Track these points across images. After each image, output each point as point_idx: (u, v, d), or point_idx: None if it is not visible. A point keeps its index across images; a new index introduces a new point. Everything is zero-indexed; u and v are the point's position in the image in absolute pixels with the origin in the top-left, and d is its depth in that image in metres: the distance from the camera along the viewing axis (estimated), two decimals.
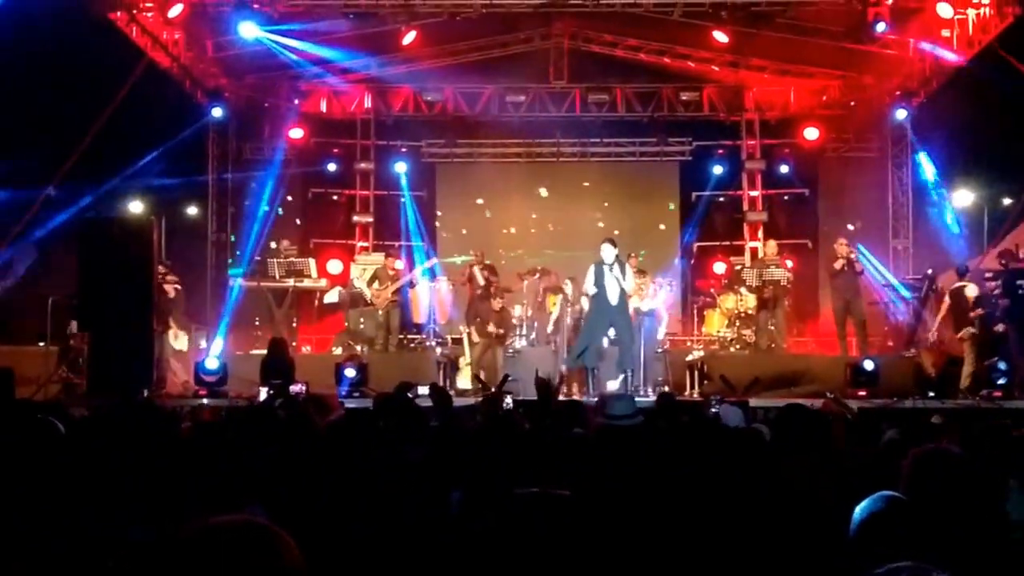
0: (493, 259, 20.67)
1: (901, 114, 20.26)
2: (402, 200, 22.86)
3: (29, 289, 17.36)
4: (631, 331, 16.40)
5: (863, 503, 3.80)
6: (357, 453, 5.60)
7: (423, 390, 9.64)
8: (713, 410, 10.17)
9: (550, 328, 18.66)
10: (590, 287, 16.02)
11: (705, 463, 5.62)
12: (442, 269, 21.20)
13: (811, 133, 22.03)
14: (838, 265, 18.09)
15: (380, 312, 18.63)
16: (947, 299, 17.43)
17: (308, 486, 5.02)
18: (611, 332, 16.34)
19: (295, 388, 13.12)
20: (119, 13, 17.28)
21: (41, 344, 16.32)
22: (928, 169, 20.25)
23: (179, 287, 17.66)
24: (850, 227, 19.62)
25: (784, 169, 22.83)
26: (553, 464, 5.62)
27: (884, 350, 18.57)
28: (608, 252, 15.95)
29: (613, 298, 15.87)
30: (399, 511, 4.66)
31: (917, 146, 20.45)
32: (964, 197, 22.35)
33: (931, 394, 15.03)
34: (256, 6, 17.53)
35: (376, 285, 18.74)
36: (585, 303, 16.78)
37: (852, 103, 21.84)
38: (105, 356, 15.02)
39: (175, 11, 17.67)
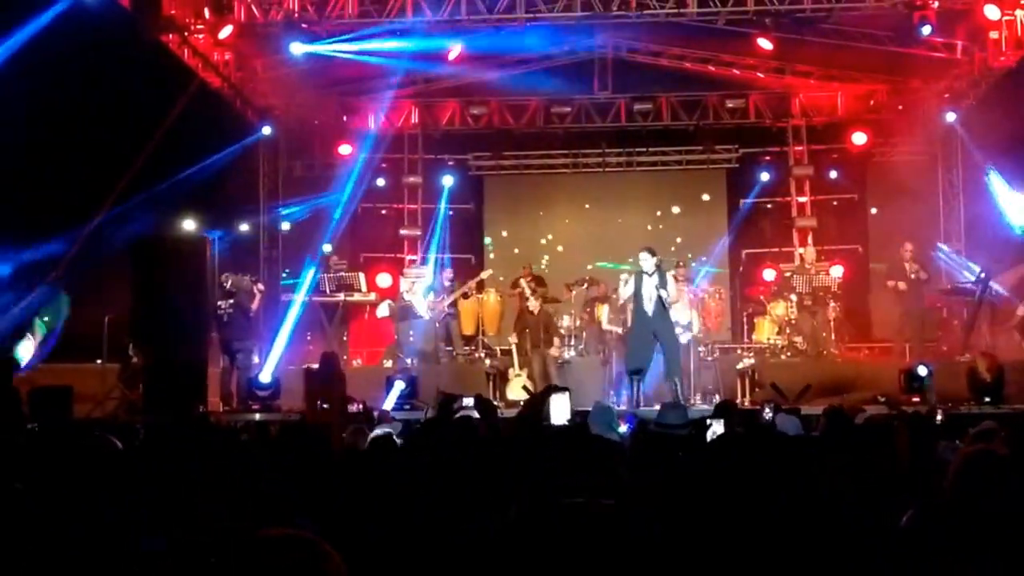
0: (540, 270, 20.77)
1: (950, 116, 20.14)
2: (450, 213, 22.97)
3: (85, 308, 17.55)
4: (676, 339, 16.36)
5: (911, 509, 3.83)
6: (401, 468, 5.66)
7: (468, 401, 9.67)
8: (767, 417, 10.19)
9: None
10: (626, 296, 15.99)
11: (766, 472, 5.64)
12: (490, 281, 21.26)
13: (859, 138, 21.97)
14: (903, 286, 18.09)
15: (437, 324, 18.76)
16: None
17: (356, 499, 5.10)
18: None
19: (352, 407, 13.23)
20: (170, 35, 17.54)
21: (98, 362, 16.49)
22: (997, 183, 19.92)
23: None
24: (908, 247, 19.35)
25: (832, 174, 22.78)
26: (595, 470, 5.65)
27: (938, 355, 18.43)
28: (647, 261, 15.90)
29: (650, 307, 15.79)
30: (445, 524, 4.72)
31: (972, 150, 20.27)
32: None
33: (987, 399, 14.89)
34: (305, 25, 17.76)
35: (432, 297, 18.88)
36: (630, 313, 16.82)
37: (900, 107, 21.74)
38: (161, 373, 15.15)
39: (225, 32, 17.94)
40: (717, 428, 8.15)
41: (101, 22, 15.25)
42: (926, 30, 17.29)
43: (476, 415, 7.36)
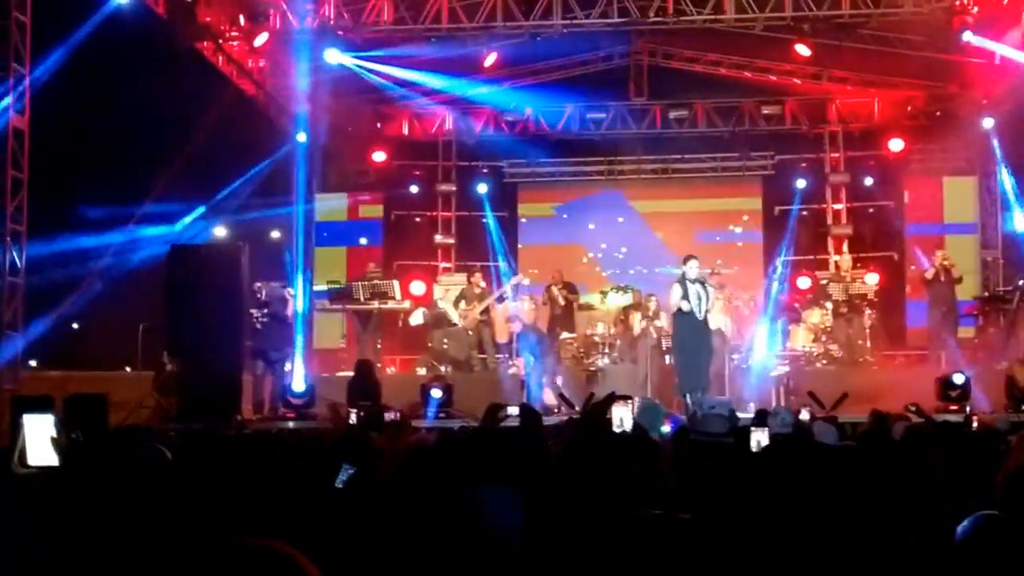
0: (573, 277, 20.71)
1: (988, 123, 19.98)
2: (484, 220, 22.95)
3: (117, 315, 17.59)
4: (712, 348, 16.36)
5: (965, 522, 3.76)
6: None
7: (513, 410, 9.63)
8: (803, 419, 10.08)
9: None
10: (680, 303, 15.90)
11: (813, 484, 5.57)
12: (524, 288, 21.19)
13: (896, 144, 21.80)
14: (929, 275, 17.93)
15: (470, 332, 18.72)
16: None
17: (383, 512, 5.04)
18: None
19: (389, 415, 13.15)
20: (205, 43, 17.58)
21: (128, 369, 16.49)
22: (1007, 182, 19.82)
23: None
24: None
25: (868, 181, 22.62)
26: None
27: (976, 363, 18.25)
28: (692, 268, 15.89)
29: (700, 314, 15.81)
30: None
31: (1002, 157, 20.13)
32: None
33: None
34: (340, 32, 17.76)
35: (463, 305, 18.84)
36: (664, 321, 16.74)
37: (937, 113, 21.57)
38: (195, 381, 15.12)
39: (260, 40, 17.99)
40: (759, 437, 8.08)
41: (137, 30, 15.33)
42: (966, 36, 17.16)
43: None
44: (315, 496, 5.39)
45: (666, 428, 8.81)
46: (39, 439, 6.74)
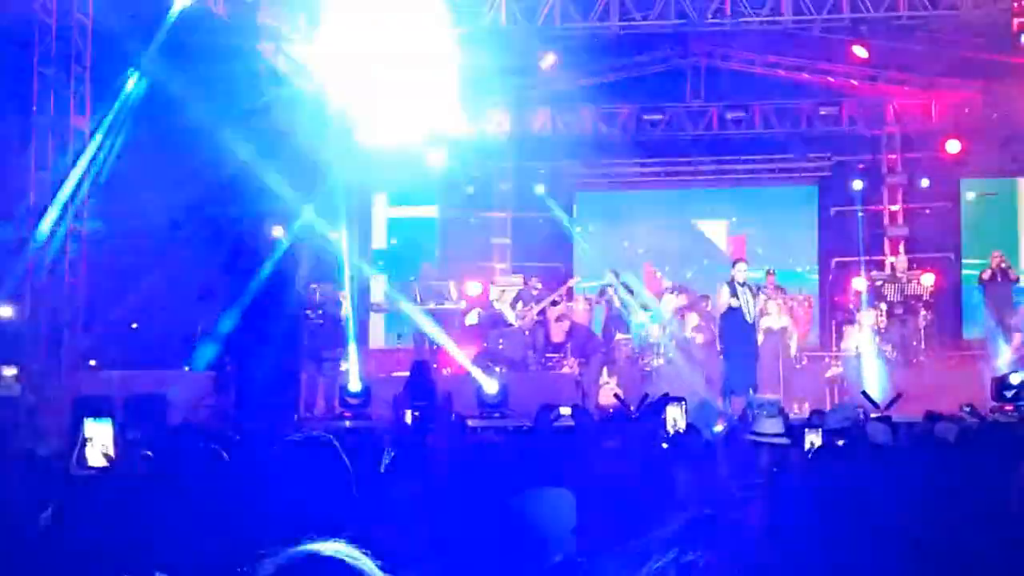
0: (629, 279, 20.80)
1: None
2: (539, 221, 23.05)
3: (178, 314, 17.75)
4: (758, 350, 16.43)
5: None
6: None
7: (565, 411, 9.74)
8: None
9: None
10: (729, 300, 15.93)
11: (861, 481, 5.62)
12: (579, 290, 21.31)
13: (953, 146, 21.64)
14: (986, 275, 17.86)
15: (527, 332, 18.84)
16: None
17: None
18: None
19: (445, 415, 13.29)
20: (265, 44, 17.77)
21: (186, 368, 16.65)
22: None
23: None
24: None
25: (925, 183, 22.50)
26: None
27: None
28: (741, 271, 15.92)
29: (749, 316, 15.85)
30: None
31: None
32: None
33: None
34: None
35: (520, 306, 18.95)
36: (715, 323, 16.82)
37: (995, 115, 21.41)
38: (254, 381, 15.30)
39: (319, 40, 18.11)
40: (813, 438, 8.12)
41: (198, 31, 15.54)
42: None
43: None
44: (373, 495, 5.51)
45: (719, 428, 8.89)
46: (97, 442, 6.93)
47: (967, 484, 5.94)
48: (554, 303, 19.60)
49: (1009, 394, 15.24)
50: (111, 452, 6.93)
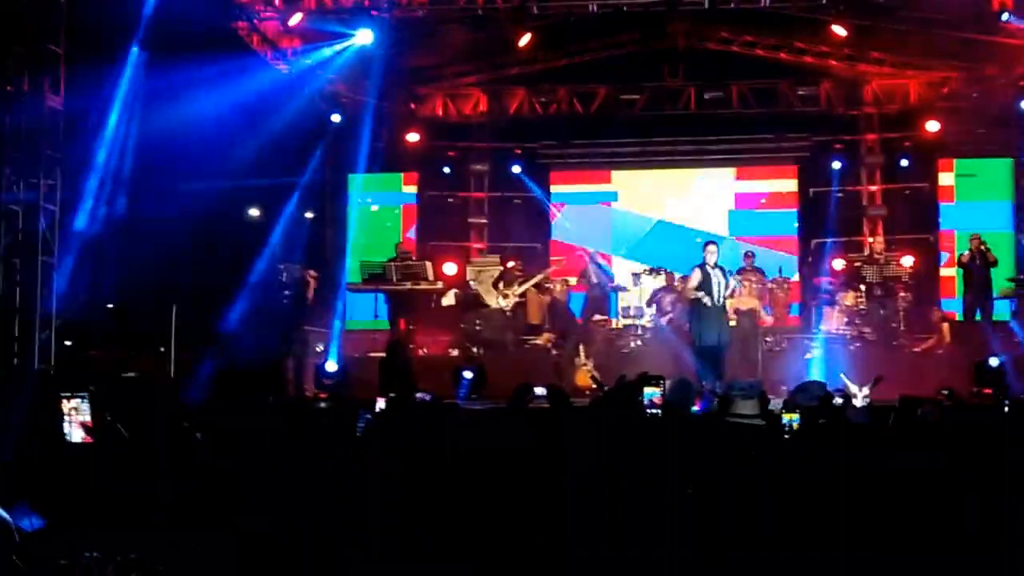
0: (606, 259, 20.80)
1: None
2: (516, 201, 22.95)
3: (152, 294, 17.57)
4: (729, 334, 16.40)
5: None
6: None
7: (540, 391, 9.65)
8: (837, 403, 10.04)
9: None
10: (696, 293, 15.84)
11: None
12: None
13: (932, 126, 21.58)
14: (965, 258, 17.85)
15: (508, 313, 18.78)
16: None
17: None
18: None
19: (421, 395, 13.15)
20: (241, 22, 17.61)
21: (162, 349, 16.46)
22: None
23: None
24: None
25: (904, 163, 22.45)
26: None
27: (1010, 347, 18.12)
28: (712, 254, 15.85)
29: (719, 300, 15.77)
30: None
31: None
32: None
33: None
34: (374, 12, 17.74)
35: (502, 286, 18.88)
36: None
37: (975, 95, 21.36)
38: (235, 364, 15.12)
39: (294, 20, 17.96)
40: (789, 418, 8.05)
41: (172, 9, 15.37)
42: (1006, 16, 16.98)
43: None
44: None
45: (696, 408, 8.80)
46: (76, 419, 6.84)
47: (948, 463, 5.89)
48: (536, 287, 19.49)
49: (988, 377, 15.24)
50: (87, 432, 6.85)
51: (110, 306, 16.49)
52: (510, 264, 19.69)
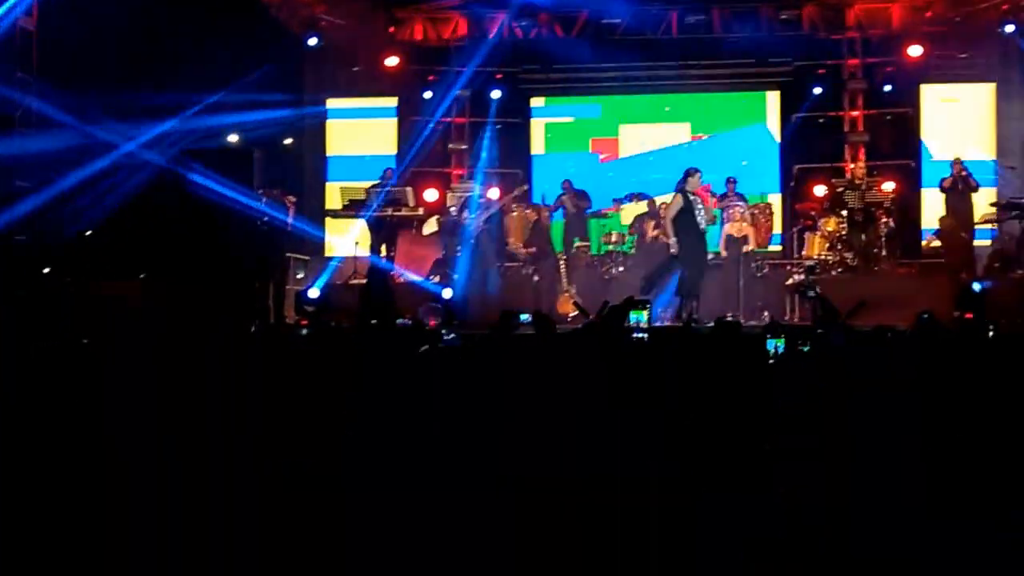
0: (587, 185, 20.73)
1: (1009, 28, 19.72)
2: (489, 127, 22.75)
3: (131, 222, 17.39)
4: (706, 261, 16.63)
5: None
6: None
7: (525, 317, 9.62)
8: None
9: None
10: (678, 215, 15.81)
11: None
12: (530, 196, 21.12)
13: (914, 51, 21.42)
14: (947, 183, 17.86)
15: (485, 239, 18.69)
16: None
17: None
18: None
19: (400, 322, 13.14)
20: None
21: (141, 277, 16.29)
22: None
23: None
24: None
25: (887, 88, 22.33)
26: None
27: (991, 272, 18.14)
28: (694, 181, 15.86)
29: (703, 225, 15.85)
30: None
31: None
32: None
33: None
34: None
35: (467, 213, 18.81)
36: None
37: (957, 18, 21.21)
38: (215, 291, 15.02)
39: None
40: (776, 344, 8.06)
41: None
42: None
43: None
44: None
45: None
46: None
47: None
48: (503, 212, 19.36)
49: (970, 302, 15.26)
50: None
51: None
52: (480, 190, 19.53)
